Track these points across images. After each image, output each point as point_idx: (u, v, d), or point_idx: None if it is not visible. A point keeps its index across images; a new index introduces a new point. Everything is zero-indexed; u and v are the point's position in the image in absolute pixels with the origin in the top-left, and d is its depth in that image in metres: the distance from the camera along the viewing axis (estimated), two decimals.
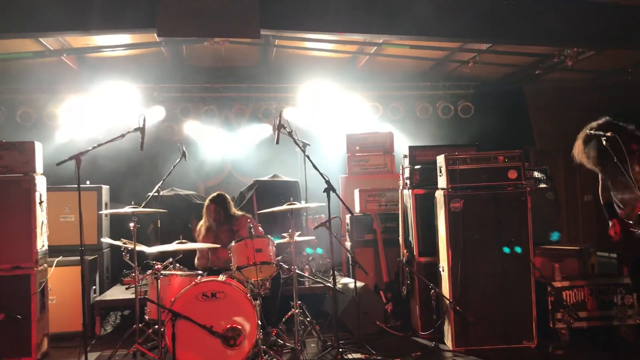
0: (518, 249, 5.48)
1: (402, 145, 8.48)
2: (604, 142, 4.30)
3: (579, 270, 6.03)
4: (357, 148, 8.45)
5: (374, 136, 8.54)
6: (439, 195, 5.77)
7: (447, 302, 5.55)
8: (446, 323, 5.66)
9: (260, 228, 6.18)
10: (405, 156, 6.58)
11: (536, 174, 6.71)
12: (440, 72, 9.36)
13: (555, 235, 5.42)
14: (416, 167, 6.39)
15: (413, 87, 9.50)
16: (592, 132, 4.39)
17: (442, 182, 5.79)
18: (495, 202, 5.58)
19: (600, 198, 4.89)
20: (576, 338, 5.60)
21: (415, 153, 6.52)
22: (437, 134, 9.19)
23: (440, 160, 5.79)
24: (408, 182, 6.41)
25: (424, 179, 6.32)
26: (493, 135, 9.20)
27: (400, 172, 6.63)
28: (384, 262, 6.78)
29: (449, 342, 5.60)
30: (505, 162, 5.65)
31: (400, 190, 6.63)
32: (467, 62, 8.31)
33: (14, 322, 5.35)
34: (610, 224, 4.73)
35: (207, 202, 6.14)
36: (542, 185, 6.70)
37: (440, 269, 5.79)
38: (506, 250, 5.50)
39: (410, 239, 6.31)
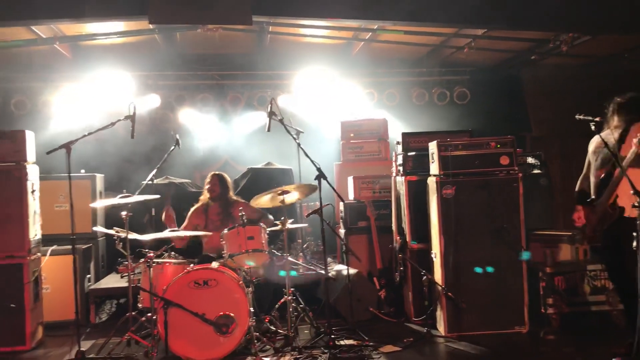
0: None
1: (397, 132, 8.43)
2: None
3: (571, 255, 6.04)
4: (352, 135, 8.41)
5: (369, 123, 8.51)
6: (431, 181, 5.77)
7: (440, 288, 5.57)
8: (439, 309, 5.68)
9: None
10: (398, 143, 6.57)
11: (530, 160, 6.70)
12: (436, 58, 9.30)
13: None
14: (409, 153, 6.38)
15: (409, 73, 9.45)
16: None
17: (434, 168, 5.78)
18: (487, 188, 5.59)
19: (578, 184, 4.91)
20: (568, 323, 5.62)
21: (408, 140, 6.51)
22: (433, 120, 9.13)
23: (433, 146, 5.78)
24: (401, 169, 6.40)
25: (416, 165, 6.31)
26: (489, 122, 9.16)
27: (394, 159, 6.63)
28: (378, 249, 6.79)
29: (441, 328, 5.63)
30: (497, 148, 5.65)
31: (393, 177, 6.62)
32: (463, 48, 8.27)
33: (7, 311, 5.39)
34: (576, 209, 4.79)
35: (209, 176, 6.30)
36: (536, 171, 6.69)
37: (433, 256, 5.80)
38: None
39: (404, 225, 6.32)
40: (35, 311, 5.73)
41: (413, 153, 6.37)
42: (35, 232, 5.78)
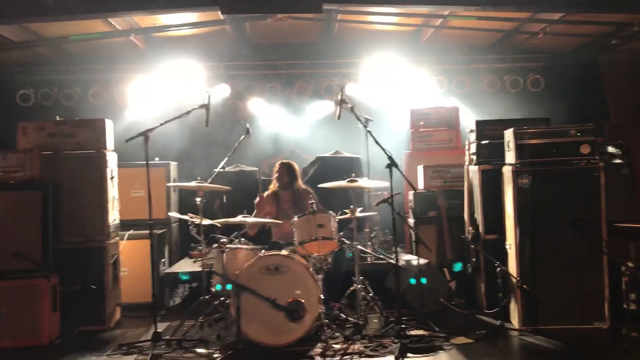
0: None
1: (468, 120, 8.25)
2: None
3: None
4: (421, 123, 8.30)
5: (439, 111, 8.36)
6: (507, 170, 5.60)
7: (514, 280, 5.41)
8: (512, 302, 5.53)
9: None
10: (471, 131, 6.40)
11: (610, 149, 6.39)
12: (509, 44, 9.01)
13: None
14: (483, 142, 6.21)
15: (480, 60, 9.19)
16: None
17: (509, 157, 5.61)
18: (566, 178, 5.38)
19: None
20: None
21: (482, 128, 6.32)
22: (505, 108, 8.85)
23: (509, 134, 5.61)
24: (474, 157, 6.25)
25: (490, 154, 6.13)
26: (564, 109, 8.81)
27: (466, 148, 6.47)
28: (448, 239, 6.67)
29: (515, 321, 5.48)
30: (577, 137, 5.42)
31: (465, 167, 6.47)
32: (537, 33, 7.97)
33: (89, 292, 5.62)
34: None
35: (277, 165, 6.37)
36: (617, 161, 6.38)
37: (507, 247, 5.64)
38: None
39: (476, 215, 6.17)
40: (114, 293, 5.96)
41: (487, 141, 6.20)
42: (114, 217, 6.01)
